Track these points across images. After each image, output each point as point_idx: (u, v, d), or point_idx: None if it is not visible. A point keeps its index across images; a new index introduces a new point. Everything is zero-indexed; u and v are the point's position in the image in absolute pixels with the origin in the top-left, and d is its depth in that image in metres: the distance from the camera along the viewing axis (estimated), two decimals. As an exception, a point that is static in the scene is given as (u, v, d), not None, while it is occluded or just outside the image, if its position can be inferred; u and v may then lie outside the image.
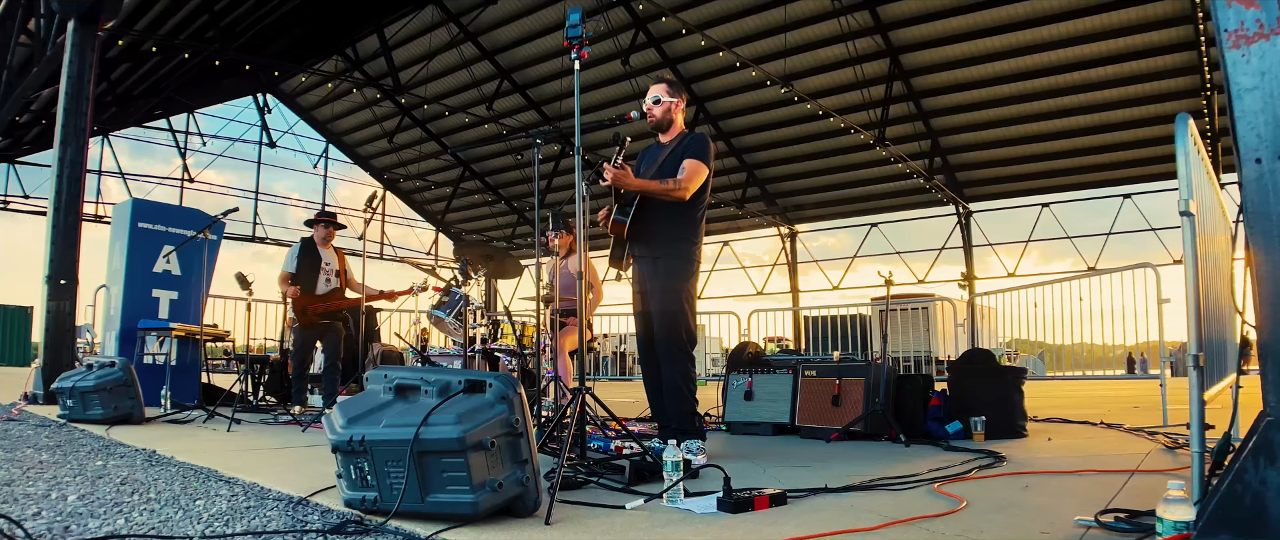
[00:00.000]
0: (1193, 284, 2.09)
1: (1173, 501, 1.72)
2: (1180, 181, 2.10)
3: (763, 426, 5.39)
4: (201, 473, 3.39)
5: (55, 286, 7.56)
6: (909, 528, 2.34)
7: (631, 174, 3.84)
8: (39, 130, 19.21)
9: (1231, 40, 1.77)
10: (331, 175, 26.71)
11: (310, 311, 6.72)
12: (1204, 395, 2.14)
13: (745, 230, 25.89)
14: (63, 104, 7.73)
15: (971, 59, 16.99)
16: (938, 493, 2.94)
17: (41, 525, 2.30)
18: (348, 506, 2.50)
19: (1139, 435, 5.04)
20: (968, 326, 13.68)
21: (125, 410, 5.43)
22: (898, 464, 3.76)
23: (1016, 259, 22.37)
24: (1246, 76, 1.76)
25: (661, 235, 3.96)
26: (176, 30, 15.84)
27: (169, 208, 9.04)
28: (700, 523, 2.41)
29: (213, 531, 2.27)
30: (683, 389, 3.88)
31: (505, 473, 2.35)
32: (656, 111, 4.10)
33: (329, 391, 6.65)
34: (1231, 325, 3.66)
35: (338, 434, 2.46)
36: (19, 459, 3.71)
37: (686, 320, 3.93)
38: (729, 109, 20.43)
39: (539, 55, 19.93)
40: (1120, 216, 20.71)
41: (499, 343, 5.86)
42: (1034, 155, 19.77)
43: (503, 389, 2.42)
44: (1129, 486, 3.01)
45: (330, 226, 7.02)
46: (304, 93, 24.04)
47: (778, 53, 17.06)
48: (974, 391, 5.04)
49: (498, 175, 25.97)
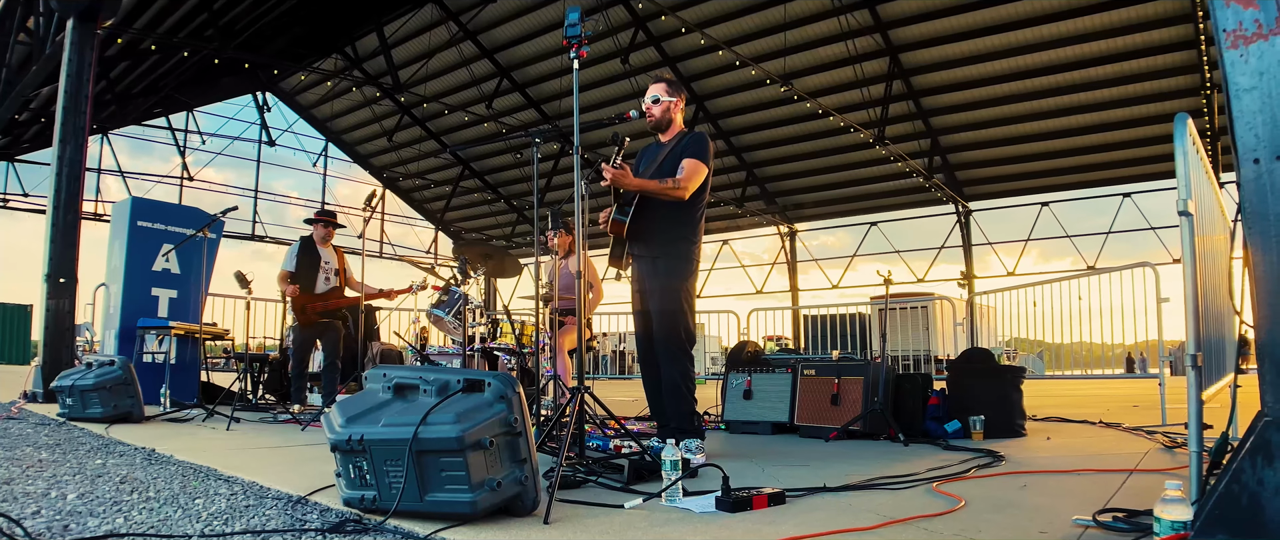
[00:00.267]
0: (1191, 283, 2.09)
1: (1170, 501, 1.73)
2: (1179, 181, 2.10)
3: (762, 426, 5.40)
4: (201, 471, 3.39)
5: (54, 285, 7.57)
6: (907, 527, 2.34)
7: (631, 173, 3.84)
8: (38, 128, 19.21)
9: (1230, 40, 1.77)
10: (331, 174, 26.74)
11: (309, 310, 6.72)
12: (1202, 395, 2.14)
13: (744, 229, 25.90)
14: (62, 102, 7.73)
15: (971, 58, 16.99)
16: (936, 492, 2.94)
17: (41, 524, 2.30)
18: (346, 505, 2.50)
19: (1137, 434, 5.04)
20: (967, 326, 13.67)
21: (124, 409, 5.43)
22: (896, 463, 3.76)
23: (1016, 258, 22.40)
24: (1245, 76, 1.76)
25: (661, 234, 3.96)
26: (175, 28, 15.82)
27: (168, 206, 9.04)
28: (699, 522, 2.41)
29: (212, 530, 2.27)
30: (682, 388, 3.88)
31: (504, 472, 2.36)
32: (656, 111, 4.10)
33: (328, 390, 6.65)
34: (1230, 325, 3.66)
35: (336, 433, 2.46)
36: (18, 457, 3.72)
37: (686, 319, 3.93)
38: (728, 108, 20.43)
39: (538, 54, 19.93)
40: (1120, 216, 20.73)
41: (498, 342, 5.86)
42: (1033, 154, 19.77)
43: (501, 388, 2.42)
44: (1127, 486, 3.02)
45: (330, 225, 7.02)
46: (303, 91, 24.03)
47: (777, 51, 17.06)
48: (973, 391, 5.04)
49: (497, 174, 25.96)
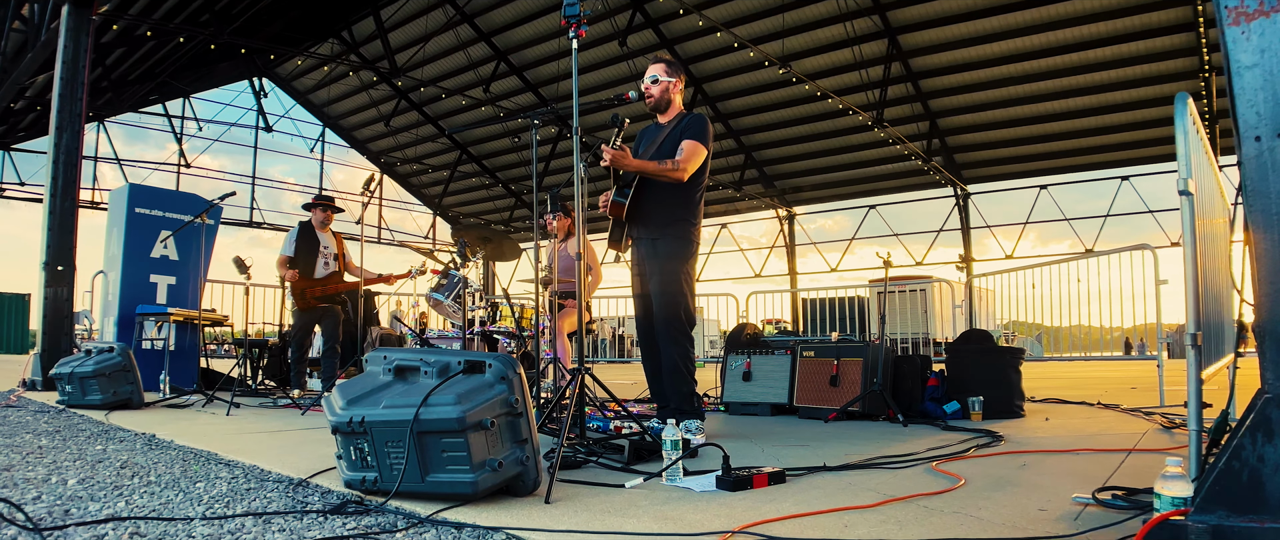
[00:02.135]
0: (1192, 263, 2.09)
1: (1171, 477, 1.73)
2: (1179, 160, 2.09)
3: (761, 407, 5.41)
4: (201, 456, 3.40)
5: (52, 273, 7.56)
6: (907, 505, 2.35)
7: (630, 155, 3.83)
8: (34, 116, 19.15)
9: (1232, 17, 1.76)
10: (328, 159, 26.67)
11: (308, 295, 6.72)
12: (1201, 375, 2.14)
13: (743, 212, 25.88)
14: (58, 90, 7.69)
15: (970, 40, 16.94)
16: (936, 471, 2.95)
17: (42, 509, 2.30)
18: (348, 487, 2.51)
19: (1136, 415, 5.06)
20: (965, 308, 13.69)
21: (124, 395, 5.44)
22: (896, 443, 3.77)
23: (1014, 241, 22.40)
24: (1246, 53, 1.75)
25: (660, 216, 3.96)
26: (171, 14, 15.74)
27: (166, 193, 9.02)
28: (699, 500, 2.42)
29: (213, 513, 2.27)
30: (682, 369, 3.89)
31: (505, 452, 2.36)
32: (655, 91, 4.08)
33: (327, 374, 6.66)
34: (1229, 307, 3.66)
35: (337, 415, 2.46)
36: (18, 444, 3.72)
37: (686, 301, 3.93)
38: (727, 90, 20.36)
39: (536, 36, 19.84)
40: (1118, 198, 20.73)
41: (497, 325, 5.87)
42: (1032, 136, 19.75)
43: (502, 369, 2.42)
44: (1126, 465, 3.03)
45: (328, 210, 7.01)
46: (300, 76, 23.94)
47: (776, 33, 16.99)
48: (972, 372, 5.05)
49: (495, 158, 25.91)
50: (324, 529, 2.09)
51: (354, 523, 2.16)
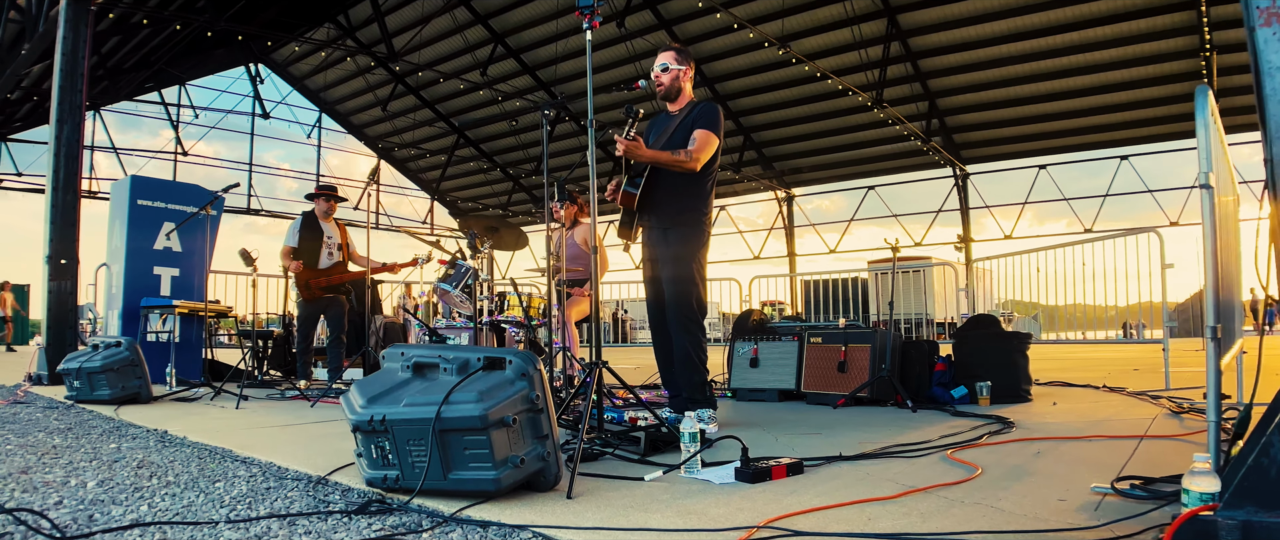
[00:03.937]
0: (1211, 257, 2.09)
1: (1199, 473, 1.74)
2: (1200, 154, 2.09)
3: (768, 393, 5.43)
4: (217, 453, 3.41)
5: (56, 266, 7.53)
6: (928, 496, 2.37)
7: (643, 145, 3.81)
8: (30, 107, 19.03)
9: (1263, 17, 1.75)
10: (325, 145, 26.57)
11: (313, 286, 6.72)
12: (1221, 365, 2.15)
13: (741, 194, 25.85)
14: (58, 81, 7.62)
15: (970, 19, 16.86)
16: (951, 460, 2.97)
17: (65, 514, 2.30)
18: (369, 485, 2.52)
19: (1143, 399, 5.08)
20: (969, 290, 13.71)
21: (133, 390, 5.43)
22: (908, 430, 3.79)
23: (1013, 221, 22.41)
24: (1277, 54, 1.75)
25: (672, 205, 3.95)
26: (167, 1, 15.62)
27: (168, 184, 8.96)
28: (720, 493, 2.43)
29: (237, 515, 2.28)
30: (694, 358, 3.89)
31: (526, 448, 2.37)
32: (665, 79, 4.07)
33: (333, 365, 6.67)
34: (1238, 289, 3.68)
35: (358, 414, 2.46)
36: (31, 443, 3.72)
37: (697, 289, 3.93)
38: (725, 71, 20.28)
39: (533, 18, 19.71)
40: (1117, 178, 20.72)
41: (505, 315, 5.86)
42: (1031, 116, 19.72)
43: (522, 365, 2.42)
44: (1139, 453, 3.04)
45: (331, 200, 7.00)
46: (296, 62, 23.80)
47: (775, 13, 16.91)
48: (979, 356, 5.05)
49: (492, 142, 25.82)
50: (350, 530, 2.10)
51: (379, 523, 2.16)
